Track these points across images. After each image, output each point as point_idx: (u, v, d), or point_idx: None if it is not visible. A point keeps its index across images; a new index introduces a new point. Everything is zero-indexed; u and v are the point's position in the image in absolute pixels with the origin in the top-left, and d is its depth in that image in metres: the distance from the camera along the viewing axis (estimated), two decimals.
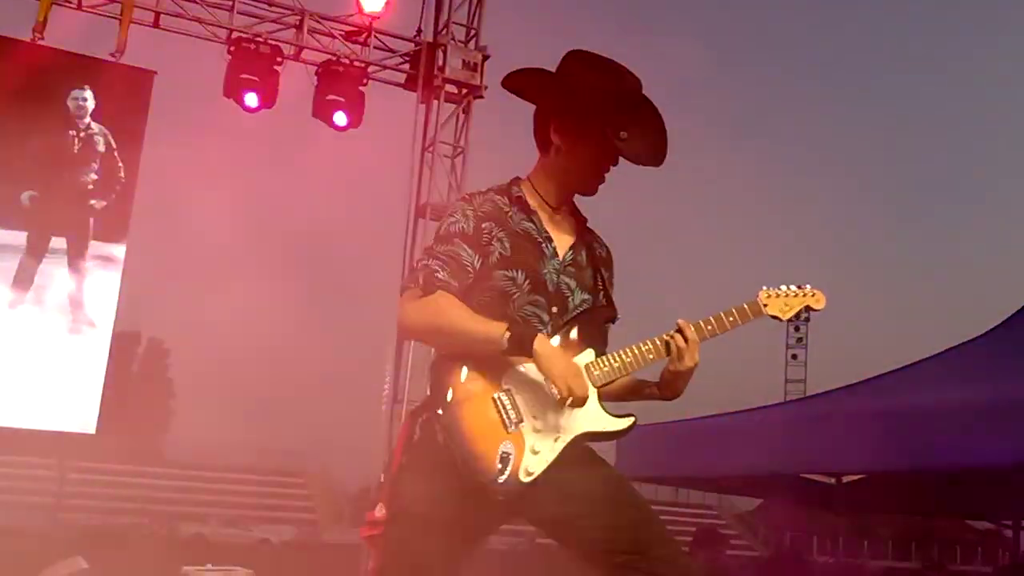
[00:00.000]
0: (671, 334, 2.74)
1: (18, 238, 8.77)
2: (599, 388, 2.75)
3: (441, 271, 2.70)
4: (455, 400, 2.60)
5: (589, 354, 2.73)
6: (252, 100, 8.96)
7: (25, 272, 8.75)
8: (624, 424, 2.71)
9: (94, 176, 9.01)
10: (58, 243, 8.91)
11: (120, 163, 9.10)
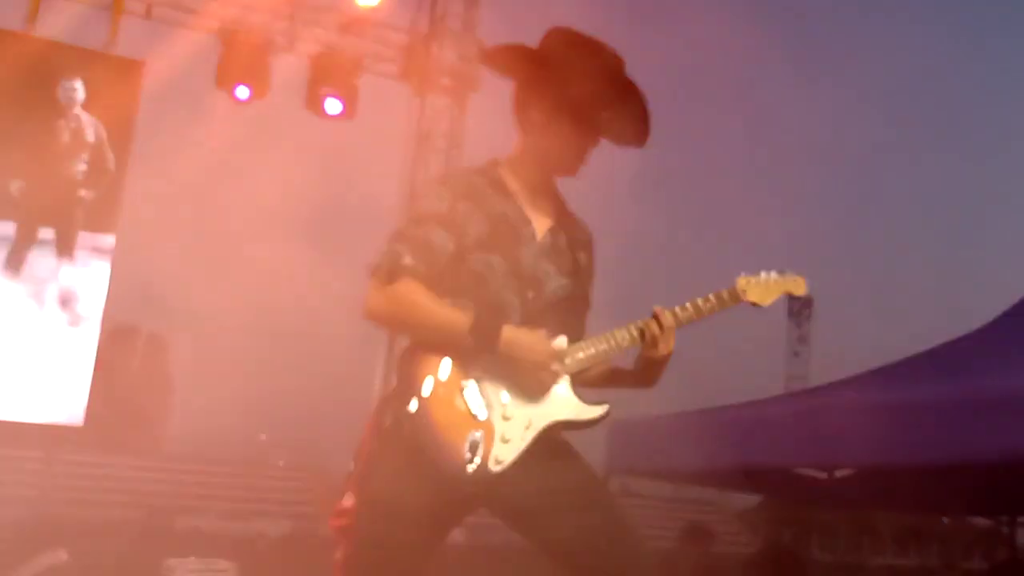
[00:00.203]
0: (646, 321, 2.68)
1: (6, 228, 8.71)
2: (573, 376, 2.69)
3: (408, 256, 2.63)
4: (423, 388, 2.55)
5: (562, 341, 2.66)
6: (243, 93, 8.90)
7: (13, 262, 8.68)
8: (598, 412, 2.65)
9: (84, 167, 8.95)
10: (47, 234, 8.85)
11: (110, 154, 9.04)
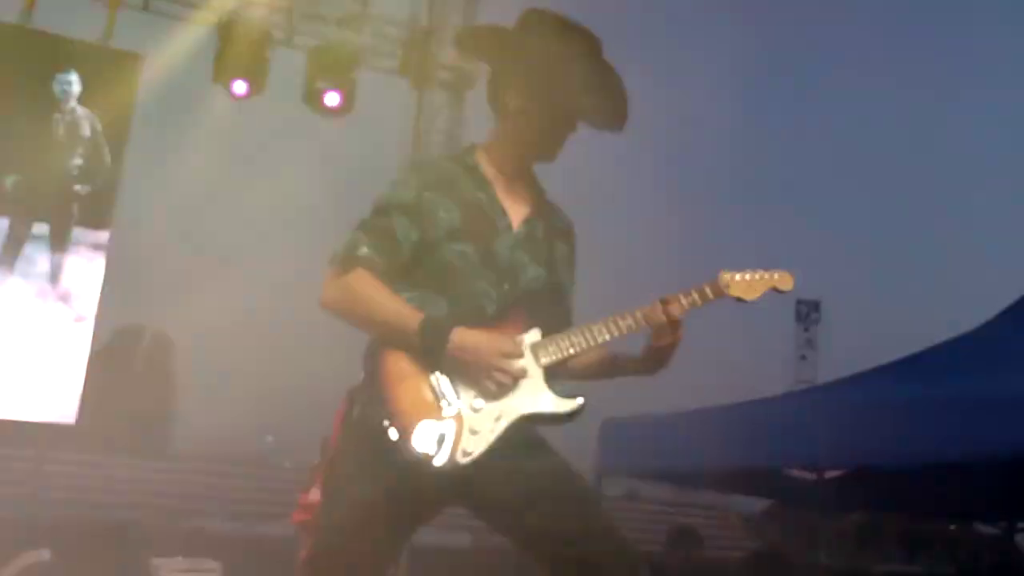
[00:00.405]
0: (651, 307, 2.61)
1: (0, 223, 8.61)
2: (556, 367, 2.63)
3: (366, 246, 2.58)
4: (390, 380, 2.50)
5: (535, 334, 2.61)
6: (241, 87, 8.81)
7: (6, 258, 8.60)
8: (572, 406, 2.58)
9: (79, 161, 8.87)
10: (41, 229, 8.76)
11: (106, 148, 8.95)
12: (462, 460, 2.44)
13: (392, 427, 2.44)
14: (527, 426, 2.57)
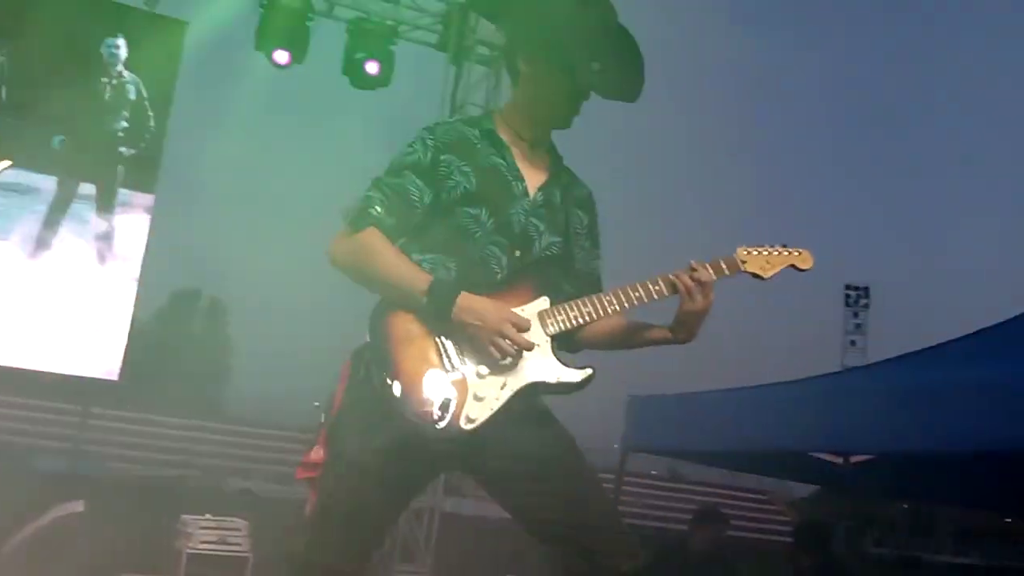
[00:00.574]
0: (677, 273, 2.58)
1: (48, 182, 8.85)
2: (570, 335, 2.62)
3: (379, 205, 2.56)
4: (395, 341, 2.48)
5: (543, 302, 2.58)
6: (282, 57, 8.90)
7: (54, 216, 8.82)
8: (579, 376, 2.54)
9: (124, 124, 9.06)
10: (87, 189, 8.98)
11: (151, 112, 9.14)
12: (465, 426, 2.42)
13: (395, 382, 2.42)
14: (533, 396, 2.55)
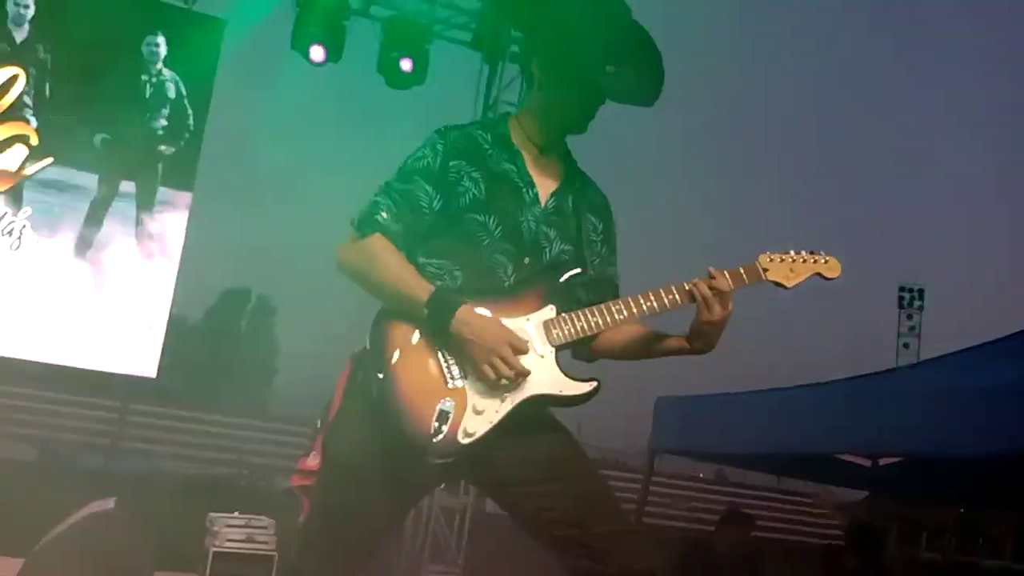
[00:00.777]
0: (695, 282, 2.50)
1: (90, 180, 8.94)
2: (575, 346, 2.57)
3: (386, 211, 2.53)
4: (394, 350, 2.44)
5: (550, 311, 2.52)
6: (318, 54, 8.93)
7: (95, 214, 8.92)
8: (583, 389, 2.47)
9: (164, 122, 9.13)
10: (128, 187, 9.06)
11: (190, 110, 9.20)
12: (463, 440, 2.38)
13: (392, 393, 2.39)
14: (535, 408, 2.49)
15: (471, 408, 2.40)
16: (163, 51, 9.08)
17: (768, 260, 2.57)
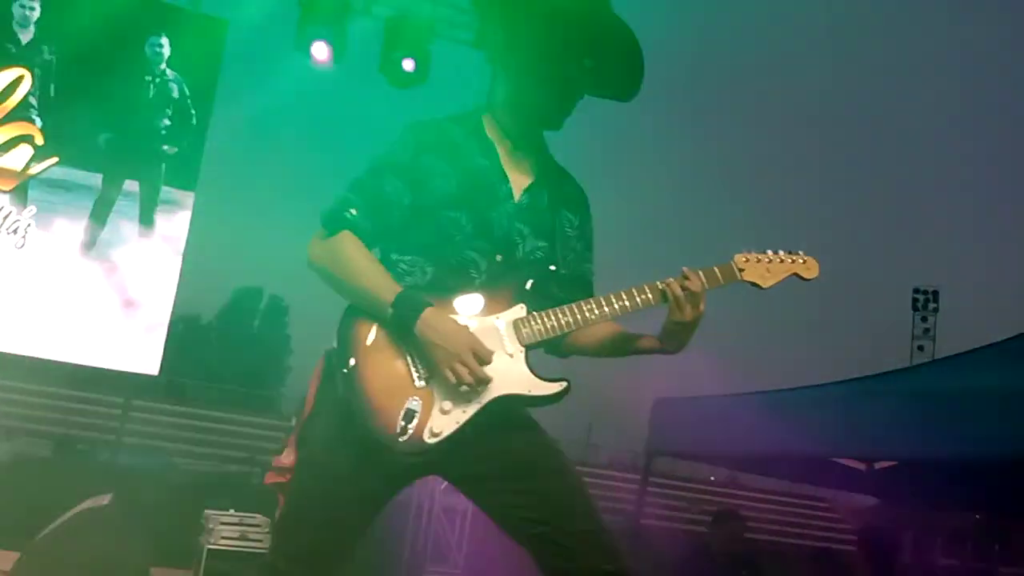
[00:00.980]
0: (668, 282, 2.47)
1: (94, 179, 9.00)
2: (549, 344, 2.53)
3: (355, 208, 2.48)
4: (362, 348, 2.41)
5: (520, 309, 2.48)
6: (321, 51, 8.92)
7: (99, 213, 8.98)
8: (552, 390, 2.43)
9: (167, 122, 9.19)
10: (131, 186, 9.11)
11: (193, 110, 9.25)
12: (429, 440, 2.35)
13: (359, 392, 2.37)
14: (505, 407, 2.45)
15: (438, 408, 2.37)
16: (167, 52, 9.14)
17: (744, 260, 2.53)
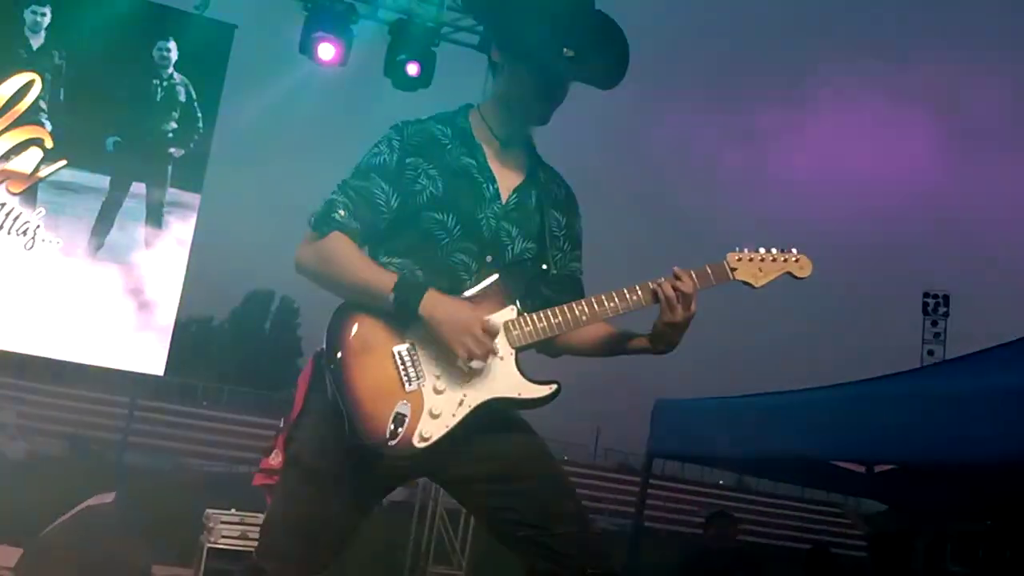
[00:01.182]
0: (659, 282, 2.45)
1: (102, 182, 9.12)
2: (538, 346, 2.50)
3: (343, 209, 2.46)
4: (351, 351, 2.37)
5: (510, 312, 2.45)
6: (327, 52, 8.92)
7: (107, 214, 9.09)
8: (542, 393, 2.41)
9: (174, 125, 9.29)
10: (138, 188, 9.22)
11: (199, 114, 9.36)
12: (418, 444, 2.32)
13: (348, 395, 2.33)
14: (494, 410, 2.42)
15: (427, 412, 2.34)
16: (174, 56, 9.25)
17: (736, 259, 2.52)
